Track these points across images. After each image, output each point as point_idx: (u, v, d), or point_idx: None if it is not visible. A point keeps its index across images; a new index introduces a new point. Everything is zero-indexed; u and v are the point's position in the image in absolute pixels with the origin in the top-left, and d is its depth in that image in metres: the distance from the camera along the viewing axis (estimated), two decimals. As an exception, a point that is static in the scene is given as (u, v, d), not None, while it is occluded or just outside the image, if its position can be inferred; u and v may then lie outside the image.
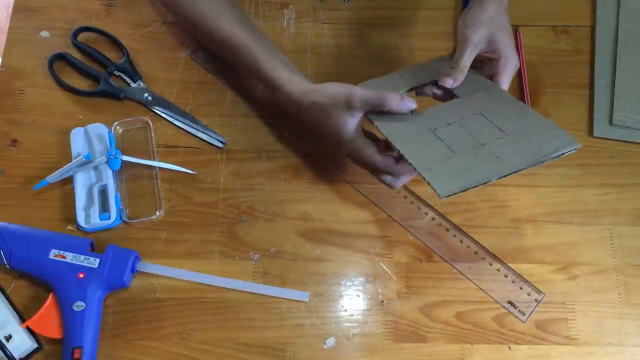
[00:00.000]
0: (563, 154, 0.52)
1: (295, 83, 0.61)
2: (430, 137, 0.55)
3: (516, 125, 0.55)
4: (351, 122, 0.58)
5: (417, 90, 0.63)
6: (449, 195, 0.50)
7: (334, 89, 0.59)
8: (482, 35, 0.61)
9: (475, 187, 0.51)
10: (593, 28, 0.77)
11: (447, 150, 0.54)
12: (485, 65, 0.64)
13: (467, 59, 0.61)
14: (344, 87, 0.59)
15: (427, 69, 0.64)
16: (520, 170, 0.51)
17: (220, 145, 0.69)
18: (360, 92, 0.57)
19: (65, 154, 0.67)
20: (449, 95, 0.62)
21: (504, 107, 0.58)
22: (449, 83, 0.61)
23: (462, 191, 0.50)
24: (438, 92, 0.63)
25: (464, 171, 0.51)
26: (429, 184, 0.51)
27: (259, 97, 0.70)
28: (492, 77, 0.62)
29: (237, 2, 0.68)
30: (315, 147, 0.68)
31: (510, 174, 0.51)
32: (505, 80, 0.61)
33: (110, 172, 0.66)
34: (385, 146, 0.59)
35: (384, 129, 0.57)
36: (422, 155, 0.53)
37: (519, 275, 0.64)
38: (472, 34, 0.61)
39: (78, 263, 0.60)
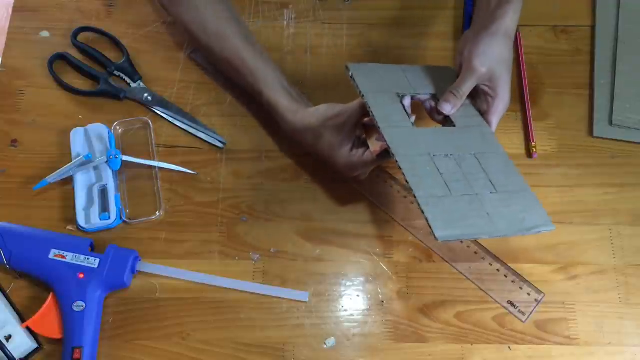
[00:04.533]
0: (539, 232, 0.56)
1: (293, 112, 0.63)
2: (429, 164, 0.56)
3: (504, 183, 0.58)
4: (346, 140, 0.61)
5: (413, 96, 0.63)
6: (445, 241, 0.53)
7: (323, 112, 0.62)
8: (488, 71, 0.61)
9: (468, 239, 0.54)
10: (593, 28, 0.77)
11: (444, 187, 0.55)
12: (478, 97, 0.64)
13: (468, 89, 0.62)
14: (329, 107, 0.62)
15: (428, 77, 0.65)
16: (504, 236, 0.55)
17: (220, 145, 0.69)
18: (347, 109, 0.60)
19: (65, 154, 0.67)
20: (442, 115, 0.62)
21: (495, 156, 0.60)
22: (447, 109, 0.61)
23: (455, 240, 0.53)
24: (433, 106, 0.63)
25: (458, 219, 0.53)
26: (426, 220, 0.52)
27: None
28: (483, 112, 0.63)
29: (241, 17, 0.68)
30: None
31: (495, 237, 0.54)
32: (495, 121, 0.63)
33: (110, 172, 0.66)
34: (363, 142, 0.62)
35: (389, 138, 0.56)
36: (422, 185, 0.54)
37: (519, 275, 0.64)
38: (479, 67, 0.60)
39: (78, 263, 0.60)
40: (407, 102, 0.61)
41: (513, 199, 0.57)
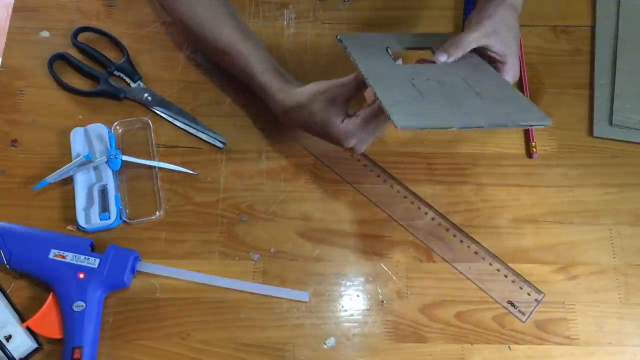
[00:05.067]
0: (531, 125, 0.52)
1: (284, 91, 0.63)
2: (406, 84, 0.53)
3: (494, 94, 0.54)
4: (338, 113, 0.59)
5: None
6: (405, 128, 0.48)
7: (312, 89, 0.61)
8: (493, 30, 0.59)
9: (435, 129, 0.49)
10: (593, 28, 0.77)
11: (418, 95, 0.51)
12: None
13: (469, 41, 0.59)
14: (318, 84, 0.61)
15: (424, 38, 0.64)
16: (483, 127, 0.49)
17: (220, 145, 0.69)
18: (335, 83, 0.59)
19: (65, 154, 0.67)
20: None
21: (489, 79, 0.56)
22: (442, 58, 0.58)
23: (419, 129, 0.48)
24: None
25: (428, 113, 0.49)
26: (389, 117, 0.48)
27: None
28: None
29: (233, 8, 0.69)
30: (313, 147, 0.68)
31: (472, 127, 0.49)
32: None
33: (110, 172, 0.66)
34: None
35: (364, 67, 0.54)
36: (391, 94, 0.51)
37: (519, 275, 0.64)
38: (484, 23, 0.59)
39: (78, 263, 0.60)
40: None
41: (501, 103, 0.52)
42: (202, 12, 0.66)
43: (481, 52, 0.61)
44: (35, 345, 0.59)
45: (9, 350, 0.58)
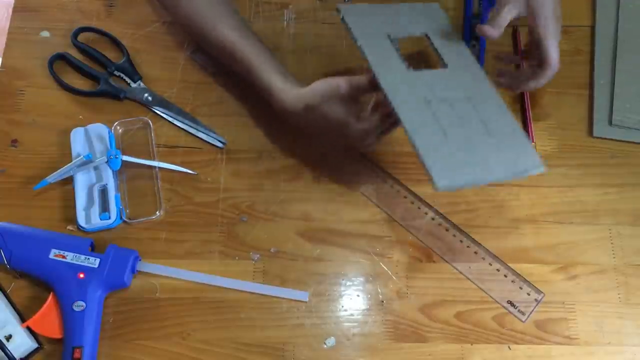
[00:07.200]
0: (528, 174, 0.57)
1: (287, 91, 0.62)
2: (426, 112, 0.57)
3: (497, 125, 0.58)
4: (348, 111, 0.60)
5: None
6: (444, 189, 0.53)
7: (320, 87, 0.60)
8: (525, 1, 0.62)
9: (468, 187, 0.54)
10: (593, 28, 0.77)
11: (442, 135, 0.55)
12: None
13: (506, 15, 0.62)
14: (325, 82, 0.60)
15: (420, 16, 0.66)
16: (499, 180, 0.56)
17: (220, 145, 0.69)
18: (342, 80, 0.59)
19: (65, 154, 0.67)
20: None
21: (487, 97, 0.60)
22: (489, 33, 0.62)
23: (454, 189, 0.53)
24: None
25: (457, 167, 0.54)
26: (427, 171, 0.53)
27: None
28: (538, 41, 0.64)
29: (235, 6, 0.69)
30: (319, 145, 0.69)
31: (491, 181, 0.56)
32: (552, 43, 0.64)
33: (110, 172, 0.66)
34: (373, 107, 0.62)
35: (386, 86, 0.57)
36: (420, 134, 0.55)
37: (519, 275, 0.64)
38: None
39: (78, 263, 0.60)
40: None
41: (506, 141, 0.57)
42: (203, 10, 0.66)
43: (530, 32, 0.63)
44: (35, 345, 0.60)
45: (9, 350, 0.58)
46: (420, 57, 0.67)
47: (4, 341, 0.58)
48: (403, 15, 0.65)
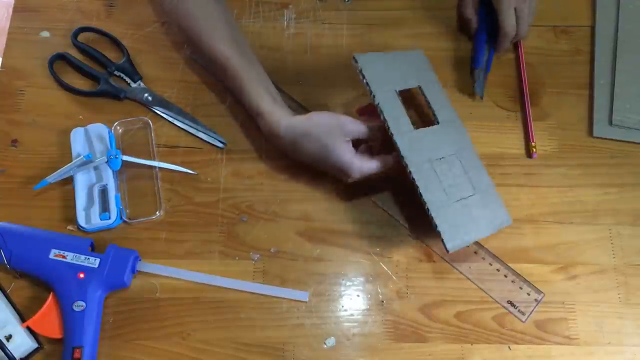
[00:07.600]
0: (501, 227, 0.63)
1: (275, 115, 0.63)
2: (430, 171, 0.61)
3: (478, 182, 0.64)
4: (348, 147, 0.61)
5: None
6: (453, 250, 0.59)
7: (323, 119, 0.62)
8: None
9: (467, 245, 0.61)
10: (593, 28, 0.77)
11: (444, 195, 0.61)
12: None
13: (508, 17, 0.69)
14: (330, 116, 0.62)
15: (413, 66, 0.68)
16: (484, 237, 0.62)
17: (220, 145, 0.69)
18: (348, 120, 0.61)
19: (65, 154, 0.67)
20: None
21: (469, 153, 0.65)
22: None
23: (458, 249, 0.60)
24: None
25: (459, 227, 0.60)
26: (438, 232, 0.59)
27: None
28: None
29: (232, 19, 0.69)
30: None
31: (480, 238, 0.62)
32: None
33: (110, 172, 0.66)
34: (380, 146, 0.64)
35: (402, 147, 0.61)
36: (430, 195, 0.60)
37: (519, 275, 0.64)
38: None
39: (78, 263, 0.60)
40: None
41: (486, 197, 0.63)
42: (200, 23, 0.66)
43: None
44: (35, 345, 0.60)
45: (9, 350, 0.58)
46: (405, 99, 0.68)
47: (4, 341, 0.58)
48: (402, 64, 0.67)
